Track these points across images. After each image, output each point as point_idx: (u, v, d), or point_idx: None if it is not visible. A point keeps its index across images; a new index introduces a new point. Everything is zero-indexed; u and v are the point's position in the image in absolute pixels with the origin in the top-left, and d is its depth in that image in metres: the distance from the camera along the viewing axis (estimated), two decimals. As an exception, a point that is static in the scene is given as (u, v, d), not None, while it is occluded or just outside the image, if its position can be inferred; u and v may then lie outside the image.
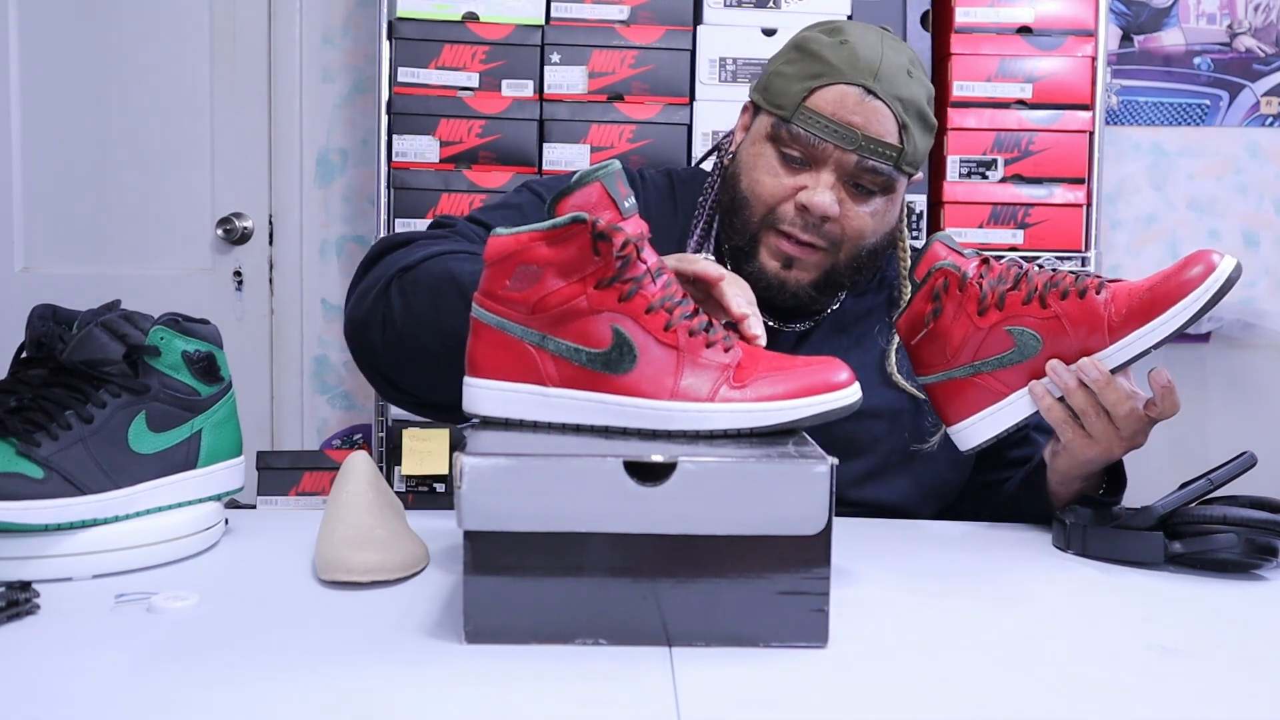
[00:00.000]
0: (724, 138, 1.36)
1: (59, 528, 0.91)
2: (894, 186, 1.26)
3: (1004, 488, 1.31)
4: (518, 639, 0.79)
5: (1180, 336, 1.06)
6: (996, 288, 1.08)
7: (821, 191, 1.22)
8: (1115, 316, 1.06)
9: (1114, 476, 1.18)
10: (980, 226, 2.38)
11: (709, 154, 1.38)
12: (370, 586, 0.91)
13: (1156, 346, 1.05)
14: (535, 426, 0.88)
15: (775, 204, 1.24)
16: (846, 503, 1.12)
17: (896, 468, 1.29)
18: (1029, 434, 1.29)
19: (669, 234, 1.31)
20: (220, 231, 2.72)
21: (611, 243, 0.85)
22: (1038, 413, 1.09)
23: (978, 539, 1.16)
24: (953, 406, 1.12)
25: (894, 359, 1.31)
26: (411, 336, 1.14)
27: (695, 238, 1.32)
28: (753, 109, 1.31)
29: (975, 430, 1.11)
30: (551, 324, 0.87)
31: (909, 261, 1.34)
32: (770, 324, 1.32)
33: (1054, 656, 0.81)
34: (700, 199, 1.34)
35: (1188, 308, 1.04)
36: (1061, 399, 1.09)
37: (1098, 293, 1.07)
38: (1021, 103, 2.38)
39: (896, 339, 1.29)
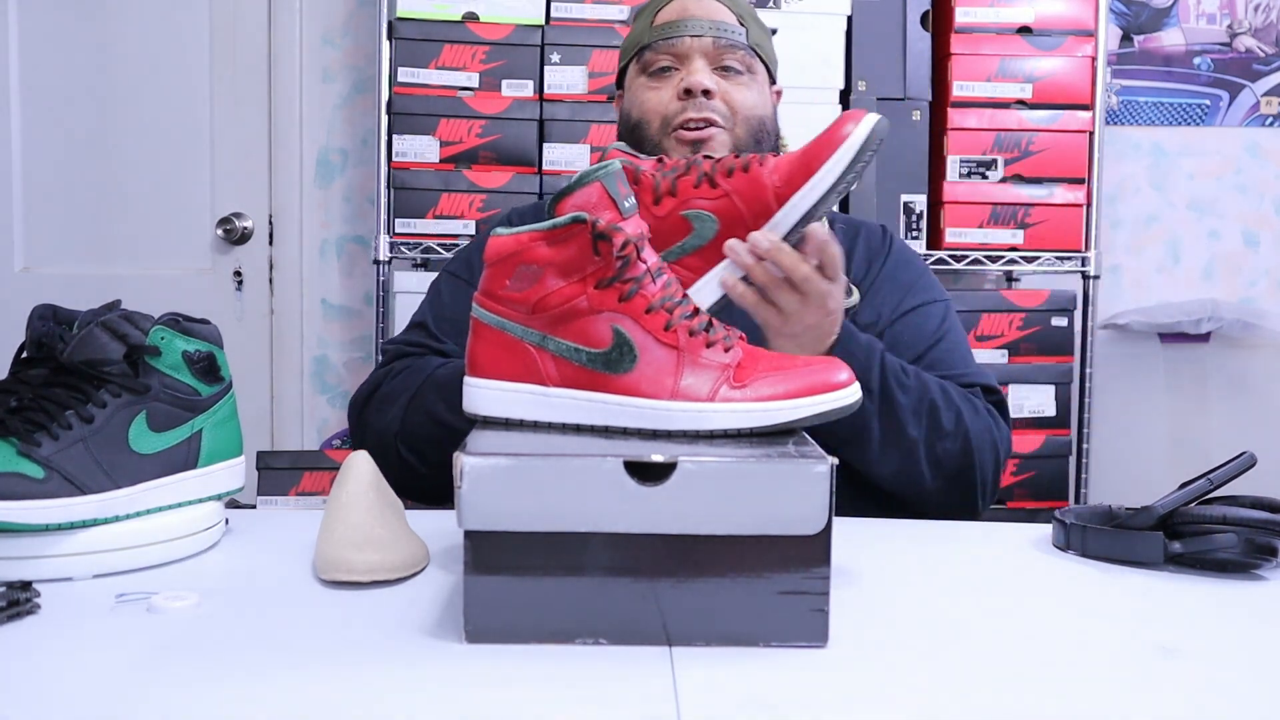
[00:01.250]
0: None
1: (59, 528, 0.91)
2: (754, 66, 1.40)
3: None
4: (518, 639, 0.79)
5: (1177, 336, 1.06)
6: (668, 176, 1.09)
7: (697, 74, 1.37)
8: (778, 184, 1.08)
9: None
10: (980, 226, 2.38)
11: None
12: (370, 586, 0.91)
13: (819, 205, 1.07)
14: (535, 426, 0.88)
15: (664, 108, 1.38)
16: None
17: None
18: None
19: None
20: (220, 231, 2.72)
21: (611, 243, 0.86)
22: (726, 296, 1.10)
23: (978, 539, 1.16)
24: None
25: None
26: (441, 474, 1.20)
27: None
28: (617, 78, 1.49)
29: None
30: (552, 324, 0.87)
31: None
32: None
33: (1054, 656, 0.81)
34: None
35: (839, 160, 1.07)
36: (745, 280, 1.10)
37: (761, 164, 1.09)
38: (1021, 103, 2.38)
39: None
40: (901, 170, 2.38)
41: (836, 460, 0.79)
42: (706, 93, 1.36)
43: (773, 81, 1.46)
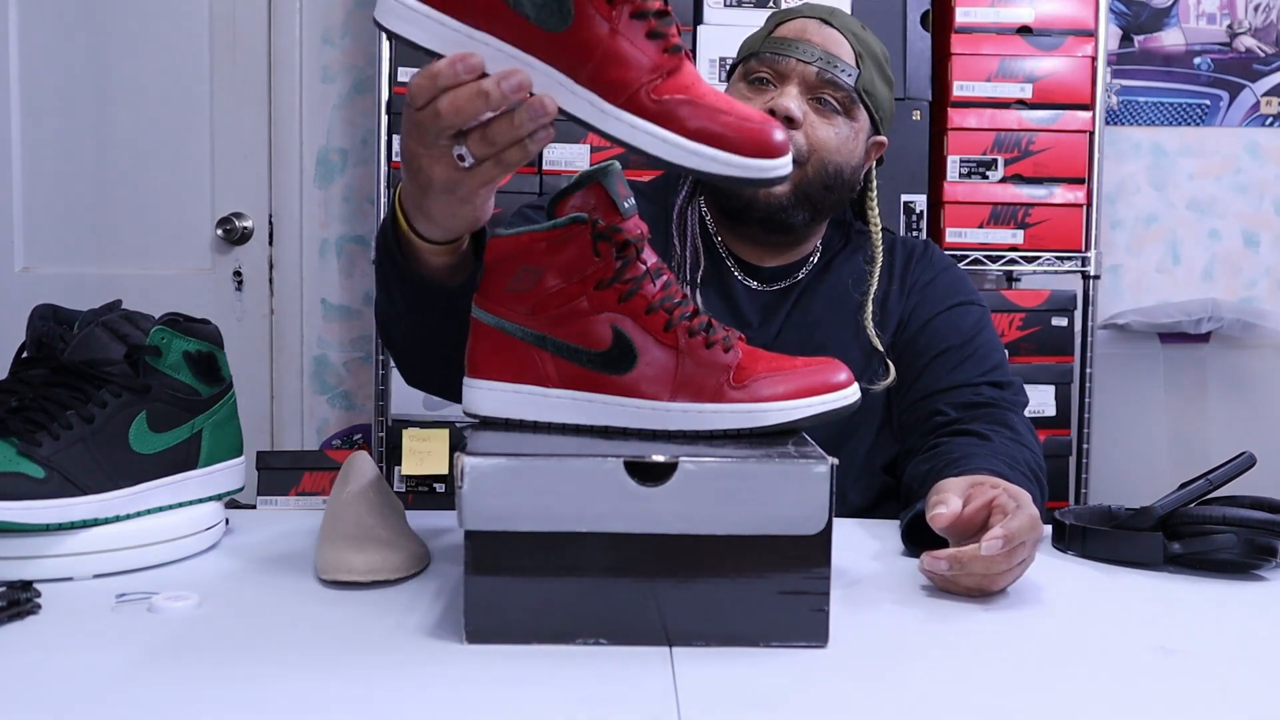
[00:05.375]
0: None
1: (60, 527, 0.91)
2: (854, 112, 1.35)
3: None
4: (518, 639, 0.79)
5: (1177, 336, 1.05)
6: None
7: (787, 99, 1.31)
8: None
9: None
10: (980, 226, 2.38)
11: None
12: (370, 586, 0.91)
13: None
14: (535, 427, 0.88)
15: None
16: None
17: (860, 416, 1.18)
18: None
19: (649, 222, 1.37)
20: (220, 231, 2.72)
21: (611, 243, 0.86)
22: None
23: (978, 539, 1.16)
24: None
25: (869, 309, 1.36)
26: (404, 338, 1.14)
27: (681, 197, 1.41)
28: (729, 72, 1.44)
29: None
30: (551, 324, 0.87)
31: (879, 237, 1.42)
32: (753, 285, 1.40)
33: (1054, 656, 0.81)
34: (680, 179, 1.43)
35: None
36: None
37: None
38: (1021, 103, 2.38)
39: (872, 289, 1.37)
40: (901, 170, 2.38)
41: (836, 460, 0.79)
42: (790, 120, 1.30)
43: (877, 131, 1.39)
